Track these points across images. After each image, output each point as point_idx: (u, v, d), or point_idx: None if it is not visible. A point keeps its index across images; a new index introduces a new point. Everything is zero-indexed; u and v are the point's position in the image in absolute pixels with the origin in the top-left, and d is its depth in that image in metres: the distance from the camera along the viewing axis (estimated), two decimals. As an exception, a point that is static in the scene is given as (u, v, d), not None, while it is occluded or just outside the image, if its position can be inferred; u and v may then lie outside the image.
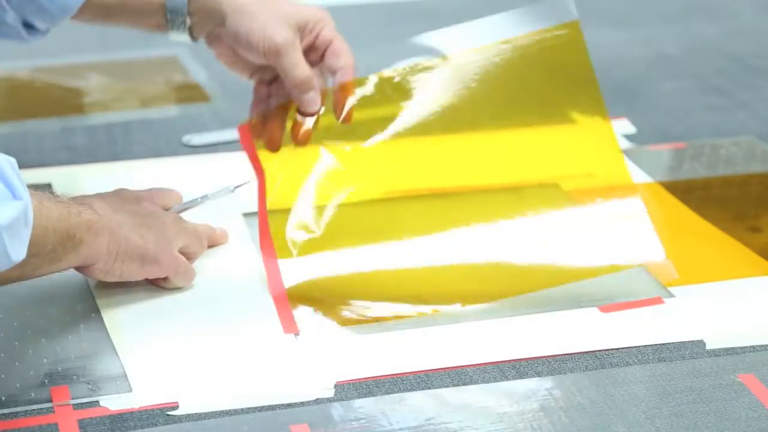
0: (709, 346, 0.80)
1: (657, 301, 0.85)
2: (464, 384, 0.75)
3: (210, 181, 1.01)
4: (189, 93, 1.24)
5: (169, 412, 0.72)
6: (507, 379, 0.76)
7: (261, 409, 0.73)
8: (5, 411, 0.72)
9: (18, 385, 0.74)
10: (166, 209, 0.88)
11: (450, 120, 0.95)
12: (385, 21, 1.52)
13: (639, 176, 1.06)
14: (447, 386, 0.75)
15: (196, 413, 0.72)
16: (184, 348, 0.78)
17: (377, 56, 1.37)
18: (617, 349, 0.79)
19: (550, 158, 0.98)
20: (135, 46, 1.38)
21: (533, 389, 0.75)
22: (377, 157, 0.94)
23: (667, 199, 1.02)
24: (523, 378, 0.76)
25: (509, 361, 0.78)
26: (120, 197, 0.85)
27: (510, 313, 0.83)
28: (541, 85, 0.97)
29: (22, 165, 1.06)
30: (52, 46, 1.38)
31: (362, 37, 1.45)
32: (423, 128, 0.94)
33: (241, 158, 1.08)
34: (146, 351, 0.78)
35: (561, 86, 0.97)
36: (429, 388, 0.75)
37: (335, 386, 0.75)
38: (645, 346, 0.80)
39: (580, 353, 0.79)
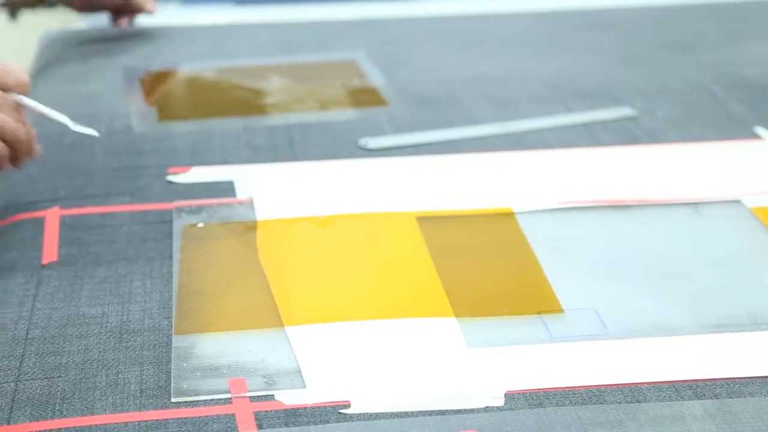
0: None
1: None
2: (637, 402, 0.74)
3: (377, 181, 1.02)
4: (367, 97, 1.26)
5: (341, 410, 0.73)
6: (683, 399, 0.74)
7: (431, 413, 0.73)
8: (187, 399, 0.74)
9: (199, 374, 0.77)
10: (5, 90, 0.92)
11: None
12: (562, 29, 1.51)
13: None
14: (619, 402, 0.74)
15: (367, 413, 0.73)
16: (358, 348, 0.79)
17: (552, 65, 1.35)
18: (802, 375, 0.76)
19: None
20: (316, 50, 1.41)
21: (710, 412, 0.73)
22: None
23: None
24: (699, 399, 0.74)
25: (686, 381, 0.76)
26: None
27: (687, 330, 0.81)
28: None
29: (207, 162, 1.10)
30: (237, 49, 1.43)
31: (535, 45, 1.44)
32: None
33: (416, 163, 1.09)
34: (321, 348, 0.79)
35: None
36: (601, 403, 0.74)
37: (505, 395, 0.75)
38: (832, 374, 0.76)
39: (761, 377, 0.76)
